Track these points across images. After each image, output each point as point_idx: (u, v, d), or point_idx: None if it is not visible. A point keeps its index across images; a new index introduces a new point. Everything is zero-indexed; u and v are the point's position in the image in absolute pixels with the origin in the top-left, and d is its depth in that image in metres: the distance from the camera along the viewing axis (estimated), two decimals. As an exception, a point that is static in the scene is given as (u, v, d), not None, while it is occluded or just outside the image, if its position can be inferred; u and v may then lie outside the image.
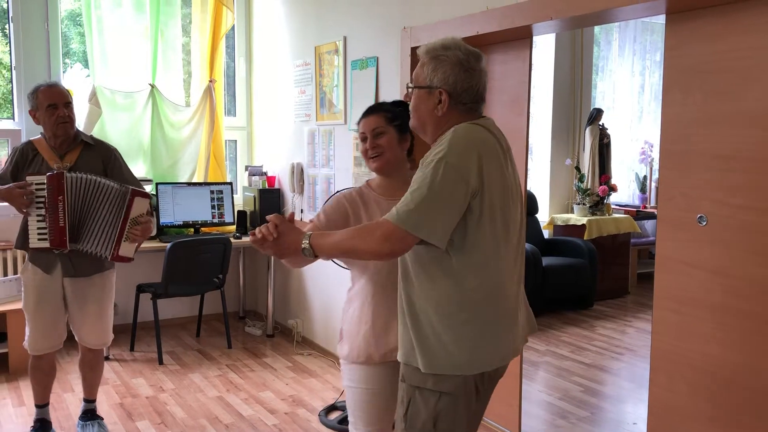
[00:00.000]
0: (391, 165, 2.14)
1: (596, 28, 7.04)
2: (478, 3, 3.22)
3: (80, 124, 4.80)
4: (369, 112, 2.16)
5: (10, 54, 4.81)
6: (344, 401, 3.79)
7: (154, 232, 3.18)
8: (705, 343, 2.50)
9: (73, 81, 4.91)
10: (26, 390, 3.87)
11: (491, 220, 1.73)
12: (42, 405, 3.27)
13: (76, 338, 3.26)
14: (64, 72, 4.93)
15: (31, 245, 2.95)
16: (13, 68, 4.79)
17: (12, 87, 4.83)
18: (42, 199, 2.92)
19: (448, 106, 1.80)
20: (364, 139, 2.14)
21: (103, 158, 3.13)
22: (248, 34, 5.61)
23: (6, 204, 2.97)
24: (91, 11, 4.80)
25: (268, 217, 1.85)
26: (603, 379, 4.34)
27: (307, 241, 1.78)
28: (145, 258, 5.08)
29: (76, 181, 2.95)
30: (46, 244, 2.93)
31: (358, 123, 2.18)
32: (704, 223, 2.49)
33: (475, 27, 3.22)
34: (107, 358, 4.53)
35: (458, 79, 1.78)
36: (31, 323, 3.09)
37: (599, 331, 5.40)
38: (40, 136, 3.12)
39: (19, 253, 4.47)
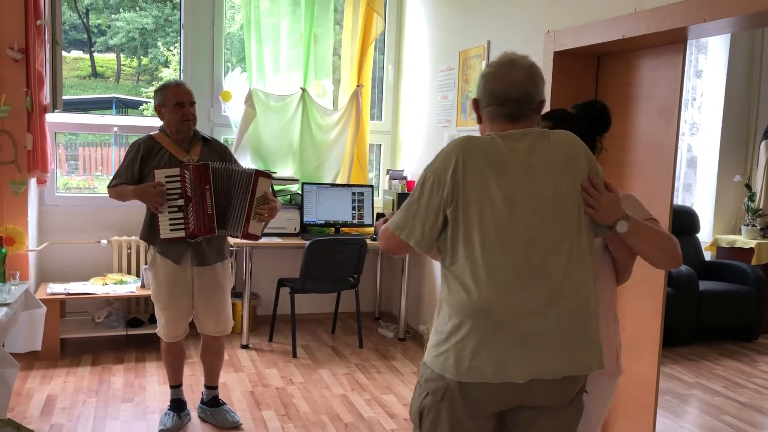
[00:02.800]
0: None
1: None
2: (626, 4, 3.01)
3: (236, 124, 5.11)
4: (545, 116, 2.17)
5: (180, 58, 5.22)
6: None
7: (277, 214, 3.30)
8: None
9: (233, 84, 5.22)
10: (171, 369, 4.17)
11: (467, 232, 1.72)
12: (176, 386, 3.50)
13: (198, 328, 3.41)
14: (225, 75, 5.27)
15: (162, 236, 3.09)
16: (181, 71, 5.20)
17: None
18: (177, 191, 3.08)
19: (478, 114, 1.90)
20: None
21: (220, 154, 3.28)
22: (398, 40, 5.68)
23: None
24: (251, 17, 5.08)
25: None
26: (759, 422, 3.88)
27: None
28: (287, 253, 5.31)
29: (220, 170, 3.13)
30: (180, 234, 3.08)
31: None
32: None
33: (621, 30, 3.00)
34: (246, 347, 4.78)
35: (479, 88, 1.88)
36: (167, 312, 3.27)
37: (761, 367, 4.84)
38: (158, 131, 3.29)
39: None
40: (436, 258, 1.89)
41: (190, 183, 3.08)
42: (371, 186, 5.33)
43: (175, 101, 3.17)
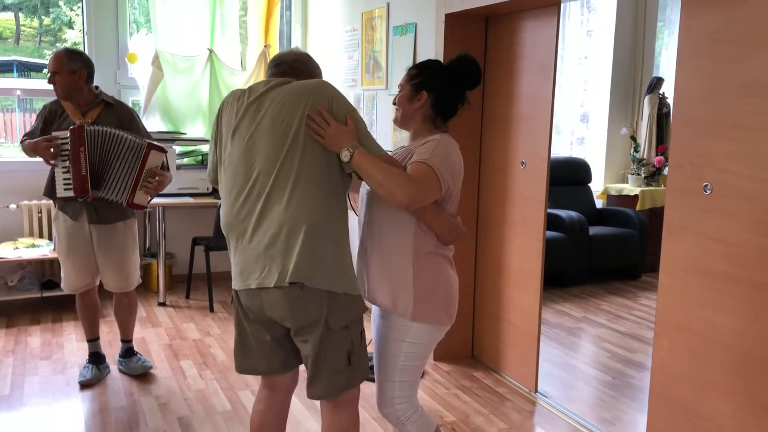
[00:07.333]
0: (403, 119, 2.23)
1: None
2: (506, -30, 3.26)
3: (143, 86, 5.13)
4: (415, 66, 2.26)
5: (83, 19, 5.17)
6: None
7: (167, 186, 3.49)
8: (704, 310, 2.54)
9: (139, 45, 5.21)
10: (89, 328, 4.27)
11: (220, 165, 2.13)
12: (92, 339, 3.63)
13: (103, 284, 3.53)
14: (130, 36, 5.25)
15: (57, 195, 3.25)
16: (84, 33, 5.15)
17: (83, 50, 5.19)
18: (67, 153, 3.20)
19: None
20: None
21: (120, 117, 3.35)
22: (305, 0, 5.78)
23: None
24: (154, -22, 5.08)
25: None
26: (634, 347, 4.37)
27: None
28: (201, 213, 5.43)
29: (96, 133, 3.20)
30: (70, 194, 3.21)
31: None
32: (709, 192, 2.51)
33: (502, -6, 3.27)
34: (164, 304, 4.91)
35: None
36: (66, 265, 3.43)
37: (642, 301, 5.38)
38: None
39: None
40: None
41: (71, 144, 3.18)
42: (282, 145, 5.47)
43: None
